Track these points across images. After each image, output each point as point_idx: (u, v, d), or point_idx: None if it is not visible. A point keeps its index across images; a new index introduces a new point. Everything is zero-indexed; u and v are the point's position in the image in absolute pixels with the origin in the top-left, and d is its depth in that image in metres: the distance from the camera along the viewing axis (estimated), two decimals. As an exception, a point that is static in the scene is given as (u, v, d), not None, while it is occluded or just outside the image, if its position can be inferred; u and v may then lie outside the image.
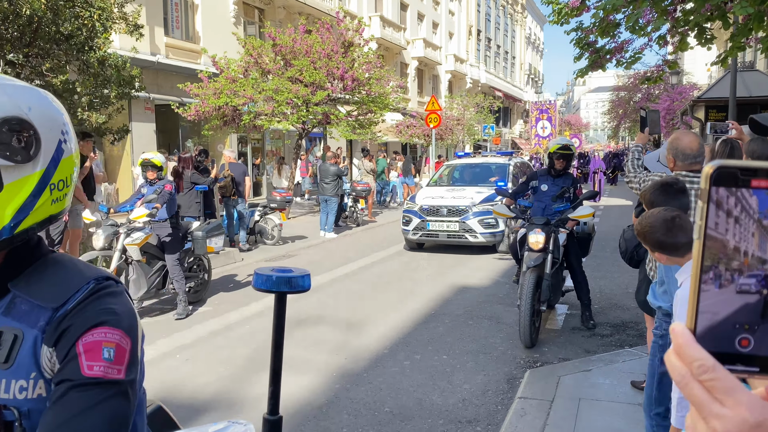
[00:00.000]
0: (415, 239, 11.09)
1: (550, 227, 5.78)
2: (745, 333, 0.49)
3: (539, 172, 6.64)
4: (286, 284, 1.16)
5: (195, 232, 7.33)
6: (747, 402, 0.46)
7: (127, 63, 8.80)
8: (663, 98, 30.65)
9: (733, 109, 12.88)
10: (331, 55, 15.95)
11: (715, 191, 0.48)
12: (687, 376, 0.48)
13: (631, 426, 3.83)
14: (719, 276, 0.49)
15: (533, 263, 5.51)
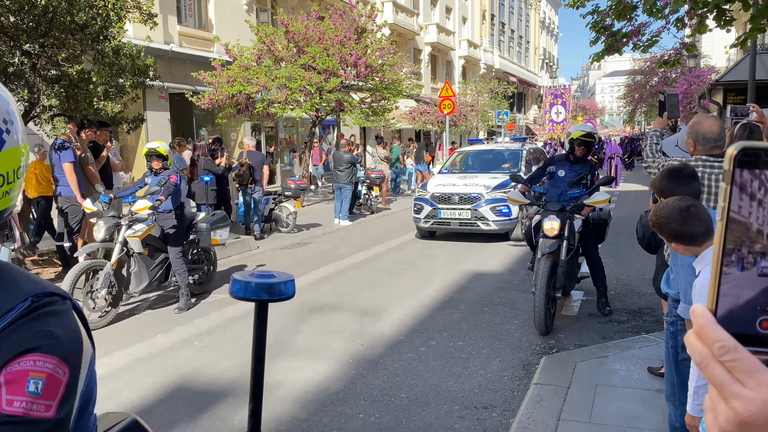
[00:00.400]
0: (426, 227, 10.99)
1: (566, 213, 5.72)
2: (766, 315, 0.49)
3: (557, 158, 6.54)
4: (266, 292, 1.03)
5: (199, 224, 7.23)
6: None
7: (142, 52, 8.83)
8: (680, 82, 30.23)
9: (752, 92, 12.67)
10: (344, 42, 15.89)
11: (738, 173, 0.48)
12: (708, 357, 0.48)
13: (648, 412, 3.82)
14: (742, 259, 0.49)
15: (548, 250, 5.46)
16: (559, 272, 5.57)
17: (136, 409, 4.24)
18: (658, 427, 3.57)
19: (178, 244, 6.69)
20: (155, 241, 6.63)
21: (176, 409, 4.24)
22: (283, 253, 10.07)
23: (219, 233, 7.41)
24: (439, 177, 11.98)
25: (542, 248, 5.53)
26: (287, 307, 6.69)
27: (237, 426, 3.94)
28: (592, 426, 3.68)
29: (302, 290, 7.51)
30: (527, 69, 57.19)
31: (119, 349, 5.46)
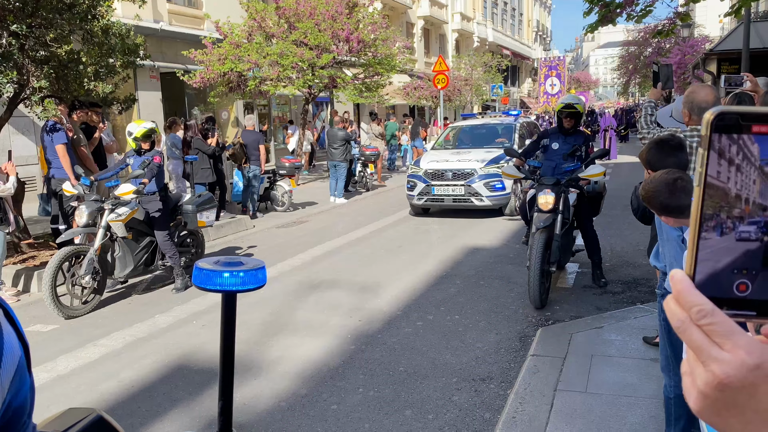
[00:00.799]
0: (420, 204, 10.90)
1: (560, 187, 5.68)
2: (744, 278, 0.49)
3: (550, 131, 6.52)
4: (233, 282, 0.93)
5: (185, 206, 7.04)
6: (745, 345, 0.47)
7: (131, 31, 8.71)
8: (674, 52, 30.08)
9: (747, 61, 12.63)
10: (335, 17, 15.72)
11: (717, 138, 0.48)
12: (686, 322, 0.49)
13: (643, 381, 3.88)
14: (720, 224, 0.49)
15: (543, 224, 5.42)
16: (554, 246, 5.56)
17: (136, 388, 4.28)
18: (654, 395, 3.63)
19: (165, 228, 6.56)
20: (139, 224, 6.48)
21: (177, 387, 4.28)
22: (279, 232, 10.08)
23: (205, 215, 7.24)
24: (432, 153, 11.87)
25: (537, 222, 5.48)
26: (286, 285, 6.72)
27: (238, 403, 3.99)
28: (588, 396, 3.73)
29: (300, 268, 7.53)
30: (521, 42, 56.71)
31: (118, 330, 5.49)
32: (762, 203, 0.49)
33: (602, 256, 6.38)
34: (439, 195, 10.63)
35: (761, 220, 0.49)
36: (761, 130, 0.48)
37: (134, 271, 6.45)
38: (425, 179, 10.70)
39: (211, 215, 7.41)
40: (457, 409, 3.81)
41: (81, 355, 4.95)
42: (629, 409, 3.53)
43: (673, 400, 2.83)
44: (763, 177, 0.48)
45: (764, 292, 0.49)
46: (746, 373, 0.46)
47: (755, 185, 0.48)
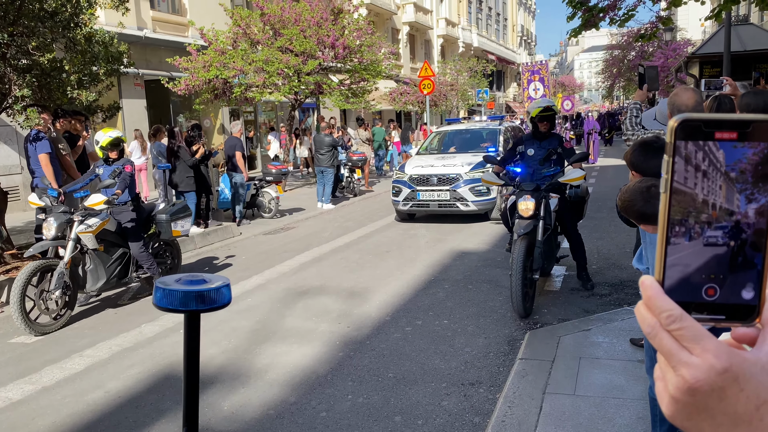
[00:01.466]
0: (405, 210, 10.82)
1: (540, 192, 5.61)
2: (712, 282, 0.50)
3: (525, 137, 6.44)
4: (195, 300, 0.88)
5: (158, 215, 6.82)
6: (713, 349, 0.47)
7: (114, 39, 8.67)
8: (657, 55, 30.42)
9: (728, 64, 12.78)
10: (320, 23, 15.74)
11: (684, 145, 0.49)
12: (656, 327, 0.49)
13: (630, 382, 3.90)
14: (689, 229, 0.50)
15: (523, 231, 5.33)
16: (536, 253, 5.46)
17: (123, 399, 4.24)
18: (641, 397, 3.65)
19: (139, 238, 6.39)
20: (111, 235, 6.25)
21: (164, 397, 4.24)
22: (266, 239, 10.05)
23: (180, 224, 6.97)
24: (417, 158, 11.78)
25: (517, 229, 5.39)
26: (273, 292, 6.69)
27: (226, 411, 3.96)
28: (577, 398, 3.74)
29: (287, 274, 7.51)
30: (505, 46, 57.08)
31: (104, 340, 5.44)
32: (728, 208, 0.49)
33: (589, 257, 6.42)
34: (425, 200, 10.54)
35: (727, 225, 0.49)
36: (723, 137, 0.49)
37: (107, 284, 6.22)
38: (410, 185, 10.62)
39: (187, 224, 7.14)
40: (446, 414, 3.81)
41: (66, 366, 4.90)
42: (617, 410, 3.54)
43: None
44: (728, 182, 0.49)
45: (732, 295, 0.50)
46: (715, 377, 0.47)
47: (721, 191, 0.49)
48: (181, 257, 7.46)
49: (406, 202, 10.67)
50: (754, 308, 0.50)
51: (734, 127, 0.49)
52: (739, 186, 0.49)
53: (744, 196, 0.49)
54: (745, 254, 0.50)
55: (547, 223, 5.64)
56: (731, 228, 0.49)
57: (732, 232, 0.50)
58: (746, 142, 0.49)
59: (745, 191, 0.49)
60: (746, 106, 3.30)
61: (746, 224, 0.49)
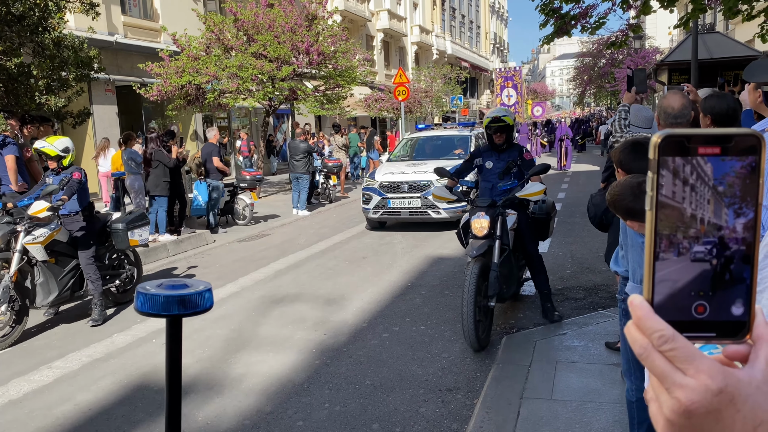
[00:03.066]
0: (376, 218, 10.58)
1: (496, 209, 5.05)
2: (701, 300, 0.49)
3: (482, 148, 5.83)
4: (177, 305, 0.89)
5: (114, 224, 6.47)
6: (708, 369, 0.46)
7: (84, 44, 8.53)
8: (627, 63, 30.99)
9: (695, 71, 13.05)
10: (294, 29, 15.68)
11: (671, 160, 0.48)
12: (648, 348, 0.48)
13: (606, 385, 3.93)
14: (677, 244, 0.49)
15: (476, 252, 4.77)
16: (492, 277, 4.87)
17: (94, 411, 4.13)
18: (617, 400, 3.67)
19: (87, 248, 6.02)
20: (63, 246, 5.92)
21: (136, 408, 4.15)
22: (240, 246, 9.94)
23: (138, 233, 6.65)
24: (388, 165, 11.62)
25: (470, 251, 4.84)
26: (248, 300, 6.61)
27: (200, 422, 3.89)
28: (553, 402, 3.76)
29: (263, 282, 7.43)
30: (479, 54, 57.60)
31: (74, 351, 5.31)
32: (716, 223, 0.49)
33: (563, 263, 6.44)
34: (395, 208, 10.35)
35: (716, 240, 0.49)
36: (707, 152, 0.48)
37: (59, 298, 5.85)
38: (381, 192, 10.43)
39: (144, 233, 6.81)
40: (424, 421, 3.79)
41: (34, 378, 4.76)
42: (594, 414, 3.56)
43: (635, 403, 2.87)
44: (716, 197, 0.48)
45: (722, 312, 0.49)
46: (711, 398, 0.46)
47: (709, 205, 0.48)
48: (142, 268, 7.19)
49: (376, 209, 10.46)
50: (744, 324, 0.49)
51: (717, 142, 0.48)
52: (727, 200, 0.48)
53: (732, 210, 0.48)
54: (734, 269, 0.49)
55: (504, 243, 5.07)
56: (719, 243, 0.49)
57: (720, 247, 0.49)
58: (734, 156, 0.48)
59: (733, 205, 0.48)
60: (710, 109, 3.34)
61: (734, 239, 0.49)
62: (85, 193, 6.08)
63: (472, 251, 4.80)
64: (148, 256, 8.80)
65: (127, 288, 6.82)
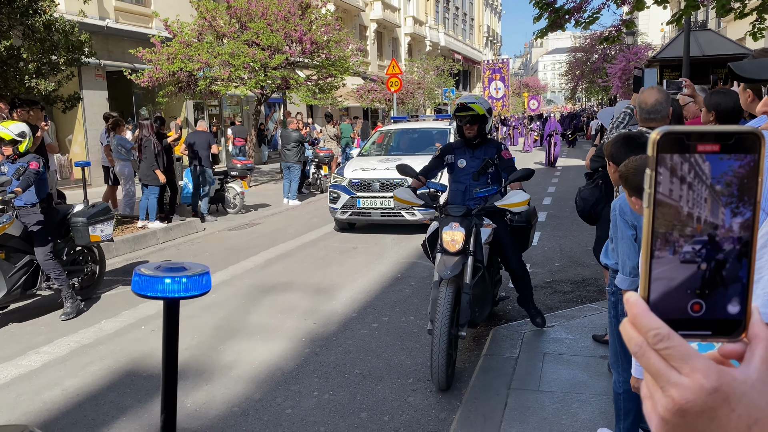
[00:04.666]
0: (344, 219, 9.61)
1: (471, 219, 4.28)
2: (697, 298, 0.49)
3: (455, 144, 4.91)
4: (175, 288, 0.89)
5: (74, 218, 6.02)
6: (703, 368, 0.46)
7: (75, 27, 8.44)
8: (619, 58, 31.07)
9: (687, 68, 13.12)
10: (288, 17, 15.61)
11: (669, 158, 0.48)
12: (644, 346, 0.48)
13: (593, 378, 3.97)
14: (673, 243, 0.49)
15: (449, 273, 3.96)
16: (464, 302, 4.11)
17: (81, 397, 4.13)
18: (603, 392, 3.72)
19: (44, 243, 5.61)
20: (15, 241, 5.53)
21: (124, 394, 4.15)
22: (230, 234, 9.92)
23: (100, 228, 6.16)
24: (358, 160, 10.53)
25: (441, 270, 4.00)
26: (238, 288, 6.61)
27: (189, 409, 3.90)
28: (541, 393, 3.80)
29: (253, 271, 7.42)
30: (472, 46, 57.55)
31: (62, 337, 5.29)
32: (713, 221, 0.48)
33: (551, 256, 6.46)
34: (366, 208, 9.40)
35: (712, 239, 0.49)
36: (706, 149, 0.48)
37: (8, 296, 5.48)
38: (350, 190, 9.49)
39: (107, 228, 6.31)
40: (412, 410, 3.82)
41: (22, 363, 4.75)
42: (580, 406, 3.60)
43: (622, 395, 2.91)
44: (713, 195, 0.48)
45: (718, 311, 0.49)
46: (705, 397, 0.46)
47: (706, 204, 0.48)
48: (105, 265, 6.76)
49: (344, 210, 9.50)
50: (740, 323, 0.49)
51: (717, 139, 0.48)
52: (725, 199, 0.48)
53: (729, 209, 0.48)
54: (730, 268, 0.49)
55: (477, 260, 4.29)
56: (716, 241, 0.49)
57: (717, 245, 0.49)
58: (732, 154, 0.48)
59: (731, 204, 0.48)
60: (715, 105, 3.36)
61: (731, 238, 0.49)
62: (44, 183, 5.70)
63: (445, 271, 3.97)
64: (138, 243, 8.77)
65: (87, 286, 6.40)
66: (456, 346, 4.13)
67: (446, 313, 3.87)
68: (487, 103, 4.72)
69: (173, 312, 0.93)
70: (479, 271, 4.30)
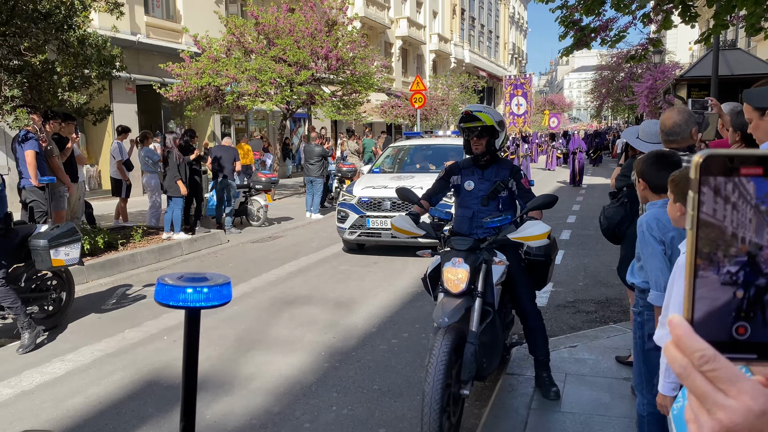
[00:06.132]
0: (352, 239, 9.12)
1: (479, 254, 3.62)
2: (742, 321, 0.48)
3: (462, 163, 4.19)
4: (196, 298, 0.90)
5: (34, 241, 5.39)
6: (750, 390, 0.46)
7: (108, 42, 8.65)
8: (646, 77, 30.79)
9: (715, 88, 12.97)
10: (314, 34, 15.81)
11: (713, 179, 0.48)
12: (689, 368, 0.47)
13: (616, 400, 3.91)
14: (717, 263, 0.48)
15: (448, 320, 3.29)
16: (467, 354, 3.43)
17: (104, 405, 4.17)
18: (626, 415, 3.65)
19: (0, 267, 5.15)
20: None
21: (146, 404, 4.18)
22: (253, 247, 10.00)
23: (64, 251, 5.52)
24: (369, 177, 10.05)
25: (440, 315, 3.32)
26: (259, 301, 6.65)
27: (209, 420, 3.91)
28: (562, 414, 3.74)
29: (274, 283, 7.46)
30: (497, 63, 57.60)
31: (86, 345, 5.37)
32: (758, 242, 0.48)
33: (575, 276, 6.38)
34: (376, 229, 8.89)
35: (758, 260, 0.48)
36: (749, 172, 0.47)
37: None
38: (359, 209, 9.01)
39: (73, 251, 5.65)
40: (431, 428, 3.78)
41: (47, 370, 4.82)
42: (602, 428, 3.54)
43: (646, 418, 2.85)
44: (758, 216, 0.47)
45: (764, 334, 0.48)
46: (753, 420, 0.45)
47: (751, 224, 0.48)
48: (74, 291, 6.14)
49: (353, 230, 9.02)
50: None
51: (759, 163, 0.48)
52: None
53: None
54: None
55: (487, 302, 3.65)
56: (761, 262, 0.48)
57: (762, 267, 0.48)
58: None
59: None
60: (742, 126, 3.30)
61: None
62: (2, 201, 5.26)
63: (442, 318, 3.29)
64: (163, 254, 8.88)
65: (52, 314, 5.78)
66: (456, 404, 3.42)
67: (440, 366, 3.14)
68: (498, 114, 4.05)
69: (194, 321, 0.94)
70: (488, 316, 3.64)
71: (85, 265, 7.54)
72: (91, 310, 6.46)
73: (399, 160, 11.01)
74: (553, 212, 11.19)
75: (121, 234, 9.05)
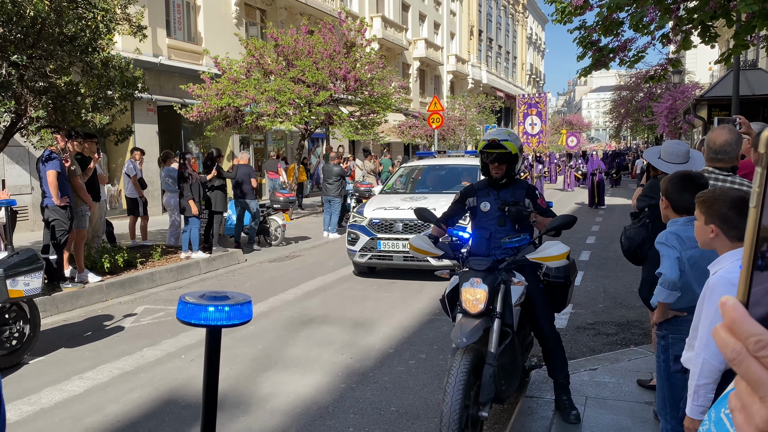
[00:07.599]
0: (363, 262, 8.82)
1: (498, 274, 3.60)
2: None
3: (476, 185, 4.23)
4: (218, 316, 0.91)
5: None
6: None
7: (131, 64, 8.81)
8: (665, 97, 30.61)
9: (736, 108, 12.86)
10: (333, 56, 15.98)
11: None
12: (742, 353, 0.45)
13: (637, 424, 3.82)
14: None
15: (467, 340, 3.28)
16: (486, 375, 3.39)
17: (121, 423, 4.18)
18: (649, 440, 3.57)
19: None
20: None
21: (163, 423, 4.18)
22: (271, 266, 10.03)
23: (23, 281, 5.07)
24: (380, 198, 9.77)
25: (458, 336, 3.31)
26: (277, 320, 6.65)
27: (225, 440, 3.90)
28: (582, 438, 3.67)
29: (291, 303, 7.47)
30: (514, 84, 57.72)
31: (105, 363, 5.39)
32: None
33: (595, 297, 6.29)
34: (387, 251, 8.59)
35: None
36: None
37: None
38: (370, 231, 8.72)
39: (34, 281, 5.19)
40: (449, 451, 3.73)
41: (66, 388, 4.85)
42: (624, 453, 3.46)
43: (669, 443, 2.79)
44: None
45: None
46: None
47: None
48: (40, 323, 5.60)
49: (364, 252, 8.72)
50: None
51: None
52: None
53: None
54: None
55: (506, 324, 3.62)
56: None
57: None
58: None
59: None
60: None
61: None
62: None
63: (461, 338, 3.29)
64: (181, 273, 8.94)
65: (15, 350, 5.29)
66: (475, 427, 3.37)
67: (458, 387, 3.13)
68: (519, 141, 4.08)
69: (215, 340, 0.94)
70: (507, 337, 3.61)
71: (105, 283, 7.62)
72: (110, 329, 6.51)
73: (412, 180, 10.77)
74: (572, 233, 11.10)
75: (141, 253, 9.14)
